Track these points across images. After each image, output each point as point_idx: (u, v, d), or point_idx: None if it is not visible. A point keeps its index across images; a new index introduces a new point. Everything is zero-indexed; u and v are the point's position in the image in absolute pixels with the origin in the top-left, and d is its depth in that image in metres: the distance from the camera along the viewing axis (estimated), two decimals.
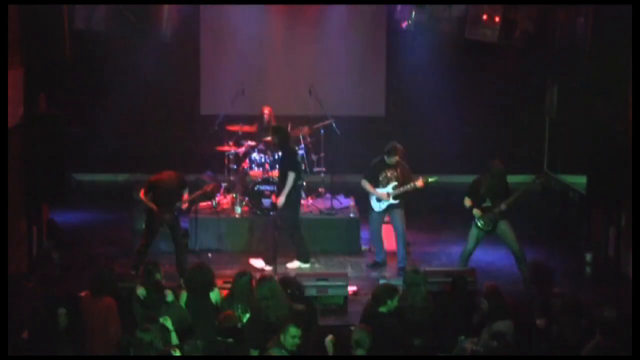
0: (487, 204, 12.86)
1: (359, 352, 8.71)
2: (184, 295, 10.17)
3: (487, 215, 12.84)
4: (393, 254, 13.91)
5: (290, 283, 10.41)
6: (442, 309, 10.32)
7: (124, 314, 9.93)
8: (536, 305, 10.23)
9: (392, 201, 13.62)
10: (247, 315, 9.75)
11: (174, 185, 13.11)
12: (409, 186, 13.54)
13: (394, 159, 13.54)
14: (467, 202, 13.02)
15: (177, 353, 8.73)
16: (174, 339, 9.08)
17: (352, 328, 9.03)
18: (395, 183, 13.58)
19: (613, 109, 13.69)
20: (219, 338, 9.11)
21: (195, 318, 9.85)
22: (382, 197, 13.63)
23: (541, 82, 18.92)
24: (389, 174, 13.62)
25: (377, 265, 13.89)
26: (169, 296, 10.06)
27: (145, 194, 13.11)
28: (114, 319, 9.74)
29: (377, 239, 13.96)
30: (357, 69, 19.67)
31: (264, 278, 9.81)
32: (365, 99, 19.82)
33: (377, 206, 13.75)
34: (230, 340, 9.10)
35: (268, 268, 13.43)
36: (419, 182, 13.52)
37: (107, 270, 10.35)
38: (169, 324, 9.17)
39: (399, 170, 13.59)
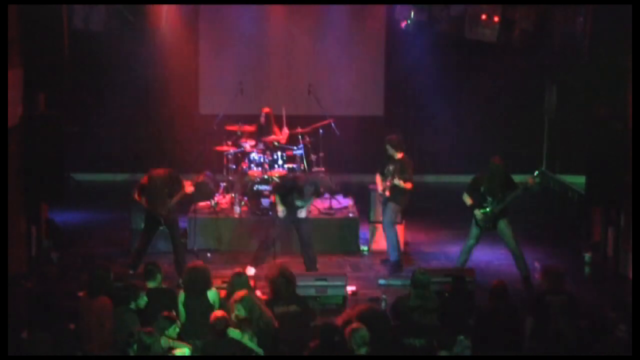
0: (488, 204, 12.86)
1: (362, 350, 8.68)
2: (182, 295, 10.18)
3: (487, 216, 12.85)
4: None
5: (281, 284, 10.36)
6: (441, 308, 10.31)
7: None
8: (529, 303, 10.26)
9: (387, 195, 13.67)
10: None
11: (163, 182, 13.04)
12: (395, 181, 13.53)
13: (389, 150, 13.63)
14: (467, 199, 13.03)
15: (180, 353, 8.74)
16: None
17: (354, 326, 8.94)
18: (390, 177, 13.65)
19: (612, 109, 13.70)
20: (215, 339, 9.10)
21: (193, 318, 9.86)
22: (380, 189, 13.73)
23: (540, 82, 18.93)
24: (390, 168, 13.70)
25: (388, 263, 13.86)
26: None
27: (139, 195, 13.12)
28: (110, 318, 9.73)
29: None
30: (356, 69, 19.66)
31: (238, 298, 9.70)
32: (364, 98, 19.81)
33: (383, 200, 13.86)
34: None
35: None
36: (398, 181, 13.52)
37: (103, 270, 10.32)
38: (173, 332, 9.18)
39: (398, 165, 13.61)
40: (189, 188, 13.39)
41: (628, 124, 13.03)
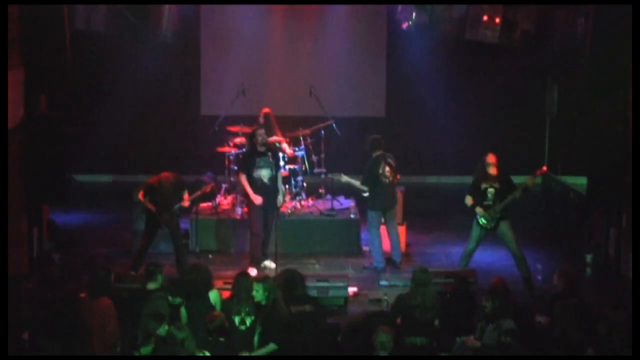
0: (488, 201, 12.86)
1: (382, 353, 8.68)
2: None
3: (489, 213, 12.84)
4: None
5: (296, 283, 10.40)
6: (443, 309, 10.31)
7: (123, 314, 9.92)
8: (542, 303, 10.25)
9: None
10: (252, 318, 9.73)
11: (171, 186, 13.12)
12: (339, 177, 14.07)
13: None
14: (468, 200, 13.02)
15: (207, 353, 8.72)
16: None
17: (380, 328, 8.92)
18: None
19: (613, 109, 13.69)
20: (210, 338, 9.10)
21: (194, 319, 9.85)
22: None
23: (541, 83, 18.91)
24: None
25: (391, 264, 13.92)
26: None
27: (144, 195, 13.15)
28: (111, 319, 9.74)
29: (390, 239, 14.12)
30: (357, 70, 19.67)
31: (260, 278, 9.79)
32: (365, 99, 19.83)
33: None
34: (222, 339, 9.10)
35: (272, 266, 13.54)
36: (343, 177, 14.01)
37: (103, 271, 10.32)
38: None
39: None
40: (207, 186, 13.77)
41: (629, 125, 13.01)
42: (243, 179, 13.56)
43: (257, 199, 13.41)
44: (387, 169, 13.72)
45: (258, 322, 9.58)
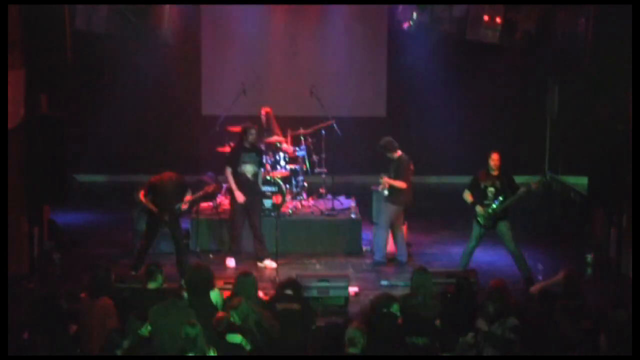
0: (488, 200, 12.86)
1: (352, 350, 8.63)
2: (184, 296, 10.16)
3: (488, 213, 12.84)
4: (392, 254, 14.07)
5: (289, 284, 10.40)
6: (444, 309, 10.30)
7: (123, 314, 9.91)
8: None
9: (385, 194, 13.97)
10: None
11: (173, 186, 13.13)
12: (380, 179, 13.92)
13: (386, 154, 13.90)
14: (468, 197, 13.01)
15: (212, 352, 8.71)
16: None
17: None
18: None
19: (614, 110, 13.70)
20: (218, 339, 9.10)
21: (195, 318, 9.84)
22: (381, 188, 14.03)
23: (542, 83, 18.94)
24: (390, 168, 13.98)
25: (395, 262, 13.94)
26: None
27: (145, 195, 13.15)
28: (112, 319, 9.74)
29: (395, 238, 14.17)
30: (358, 70, 19.69)
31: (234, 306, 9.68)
32: (366, 99, 19.85)
33: None
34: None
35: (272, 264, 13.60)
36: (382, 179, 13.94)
37: (103, 271, 10.31)
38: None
39: (394, 164, 13.88)
40: (209, 187, 13.86)
41: (629, 125, 13.01)
42: (228, 172, 13.78)
43: (240, 197, 13.68)
44: (412, 167, 13.83)
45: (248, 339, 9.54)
